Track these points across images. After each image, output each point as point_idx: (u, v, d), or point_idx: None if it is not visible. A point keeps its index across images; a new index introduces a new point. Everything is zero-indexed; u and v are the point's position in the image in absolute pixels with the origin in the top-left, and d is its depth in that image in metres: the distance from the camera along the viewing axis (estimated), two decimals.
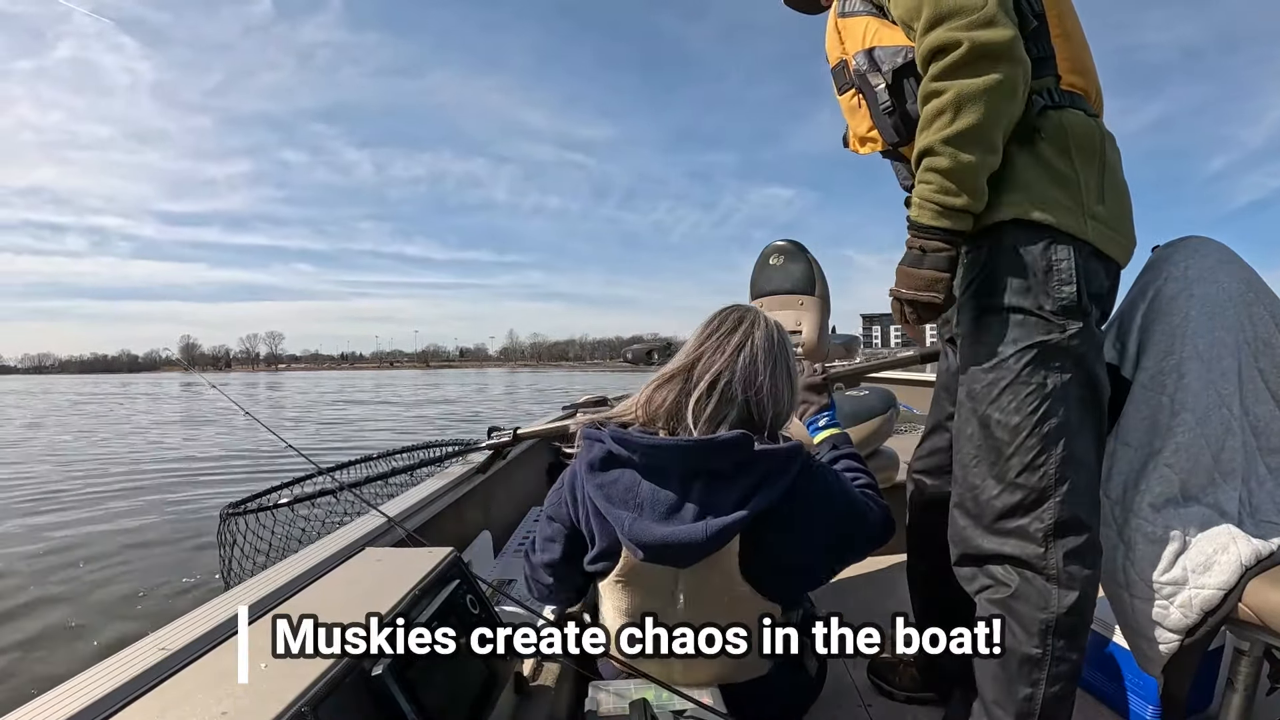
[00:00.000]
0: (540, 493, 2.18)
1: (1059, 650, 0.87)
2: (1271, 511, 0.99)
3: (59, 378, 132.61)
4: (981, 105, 0.82)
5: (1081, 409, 0.88)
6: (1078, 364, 0.87)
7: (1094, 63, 0.98)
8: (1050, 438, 0.87)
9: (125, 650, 0.64)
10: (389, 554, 0.90)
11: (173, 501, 6.66)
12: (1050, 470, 0.87)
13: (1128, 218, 0.94)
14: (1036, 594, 0.87)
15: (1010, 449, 0.88)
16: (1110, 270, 0.94)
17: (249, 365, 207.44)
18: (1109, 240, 0.89)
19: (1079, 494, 0.88)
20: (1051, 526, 0.87)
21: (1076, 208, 0.87)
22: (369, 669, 0.61)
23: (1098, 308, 0.92)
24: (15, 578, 4.51)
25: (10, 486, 7.48)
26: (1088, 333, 0.87)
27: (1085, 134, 0.89)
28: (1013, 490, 0.89)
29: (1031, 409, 0.87)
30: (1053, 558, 0.87)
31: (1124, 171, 0.97)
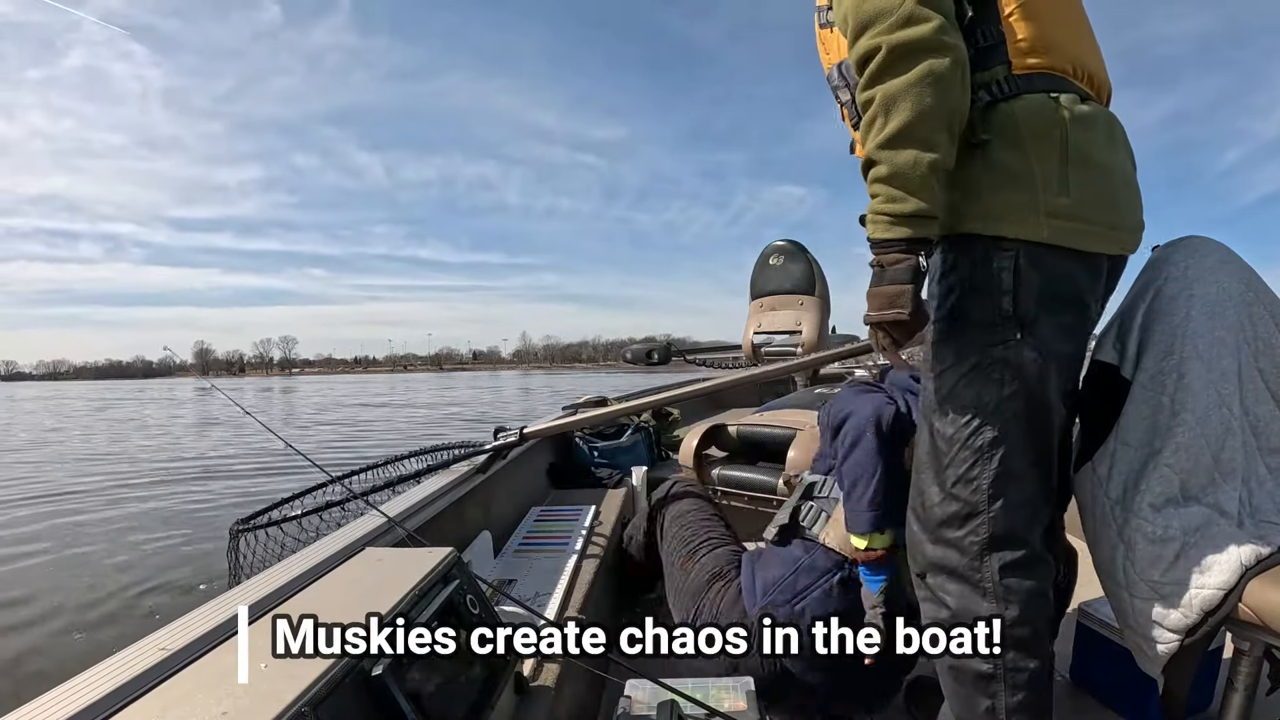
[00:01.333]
0: (541, 493, 2.18)
1: (1011, 662, 0.86)
2: (1272, 511, 0.99)
3: (73, 384, 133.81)
4: (908, 102, 0.77)
5: (1019, 424, 0.86)
6: (1016, 376, 0.84)
7: (1079, 34, 0.89)
8: (984, 451, 0.85)
9: (125, 650, 0.64)
10: (389, 554, 0.90)
11: (190, 498, 6.80)
12: (984, 484, 0.86)
13: (1107, 202, 0.85)
14: (974, 611, 0.87)
15: (947, 459, 0.88)
16: (1089, 263, 0.86)
17: (263, 370, 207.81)
18: (1077, 234, 0.83)
19: (1014, 509, 0.86)
20: (986, 540, 0.87)
21: (1029, 207, 0.81)
22: (369, 669, 0.61)
23: (1075, 311, 0.87)
24: (32, 576, 4.55)
25: (31, 486, 7.58)
26: (1028, 344, 0.84)
27: (1038, 121, 0.81)
28: (950, 501, 0.89)
29: (965, 421, 0.86)
30: (987, 571, 0.87)
31: (1124, 153, 0.89)
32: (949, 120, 0.79)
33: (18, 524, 6.01)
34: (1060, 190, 0.81)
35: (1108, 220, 0.85)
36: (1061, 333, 0.86)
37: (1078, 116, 0.83)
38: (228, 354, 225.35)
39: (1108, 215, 0.85)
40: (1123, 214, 0.88)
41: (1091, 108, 0.86)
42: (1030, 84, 0.83)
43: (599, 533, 1.67)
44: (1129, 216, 0.89)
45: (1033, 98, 0.82)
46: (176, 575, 4.41)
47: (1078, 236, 0.83)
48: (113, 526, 5.79)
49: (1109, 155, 0.86)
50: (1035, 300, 0.83)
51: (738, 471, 1.78)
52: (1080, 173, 0.82)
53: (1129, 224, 0.90)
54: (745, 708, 0.99)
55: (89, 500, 6.96)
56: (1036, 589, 0.88)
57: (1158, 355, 1.00)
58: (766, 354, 2.51)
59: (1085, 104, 0.85)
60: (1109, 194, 0.85)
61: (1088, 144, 0.83)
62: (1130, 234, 0.91)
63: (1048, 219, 0.81)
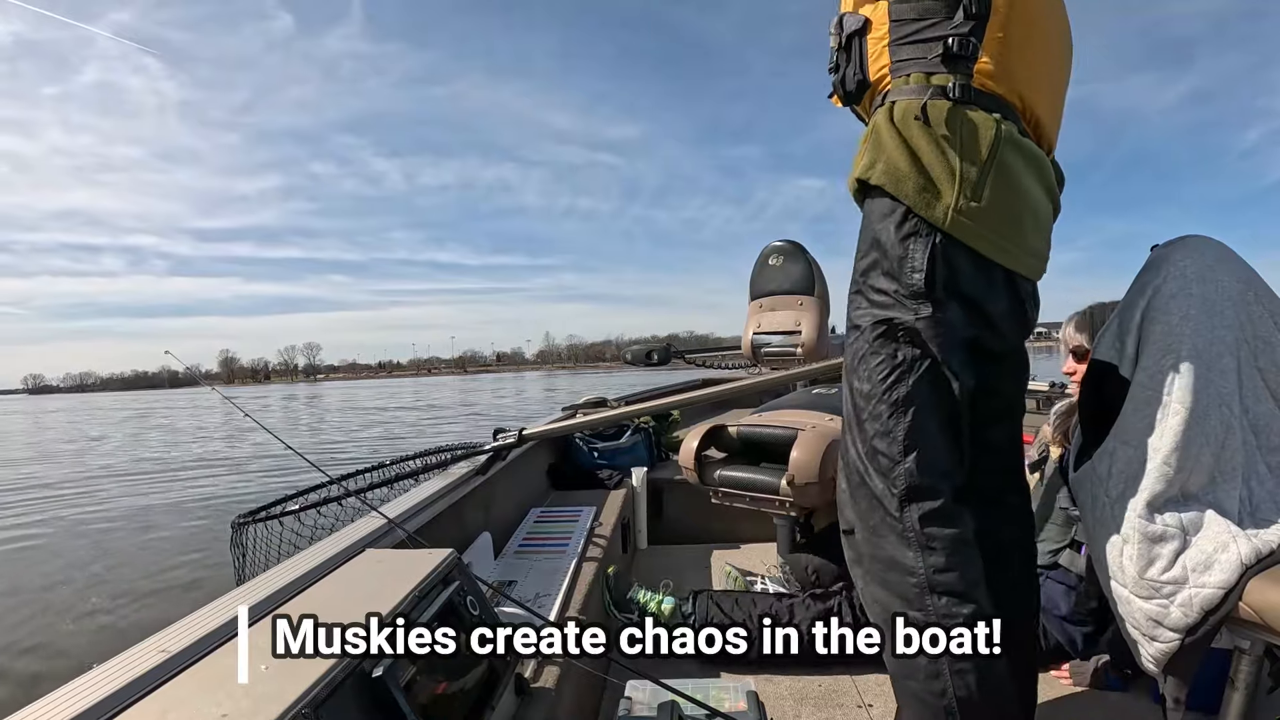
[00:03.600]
0: (541, 494, 2.18)
1: (943, 608, 0.88)
2: (1272, 510, 0.99)
3: (101, 395, 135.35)
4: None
5: (926, 385, 0.90)
6: (925, 345, 0.89)
7: (1043, 84, 0.96)
8: (899, 405, 0.90)
9: (126, 652, 0.64)
10: (389, 555, 0.90)
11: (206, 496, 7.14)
12: (899, 436, 0.90)
13: (1013, 220, 0.90)
14: (901, 559, 0.90)
15: (865, 414, 0.93)
16: (989, 270, 0.90)
17: (288, 377, 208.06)
18: (976, 236, 0.87)
19: (929, 464, 0.90)
20: (905, 490, 0.90)
21: (944, 198, 0.87)
22: (369, 670, 0.61)
23: (974, 309, 0.90)
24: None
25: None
26: (939, 321, 0.88)
27: (977, 130, 0.87)
28: (871, 454, 0.93)
29: (881, 377, 0.91)
30: (908, 520, 0.90)
31: (1045, 193, 0.94)
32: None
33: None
34: (975, 195, 0.87)
35: (1008, 235, 0.90)
36: (964, 320, 0.90)
37: (1012, 140, 0.89)
38: (252, 361, 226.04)
39: (1009, 231, 0.90)
40: (1022, 237, 0.92)
41: (1028, 141, 0.92)
42: (981, 99, 0.90)
43: (599, 534, 1.67)
44: (1028, 242, 0.94)
45: (979, 112, 0.89)
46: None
47: (976, 239, 0.88)
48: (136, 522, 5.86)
49: (1028, 184, 0.92)
50: (944, 282, 0.88)
51: (739, 472, 1.78)
52: (996, 187, 0.88)
53: (1029, 248, 0.94)
54: (745, 708, 0.99)
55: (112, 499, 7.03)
56: (959, 537, 0.90)
57: (1157, 354, 1.00)
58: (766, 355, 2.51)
59: (1023, 136, 0.92)
60: (1014, 215, 0.90)
61: (1013, 165, 0.89)
62: (1027, 257, 0.94)
63: (954, 214, 0.87)
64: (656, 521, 2.37)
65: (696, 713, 0.90)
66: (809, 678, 1.44)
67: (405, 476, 1.54)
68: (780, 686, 1.41)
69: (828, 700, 1.35)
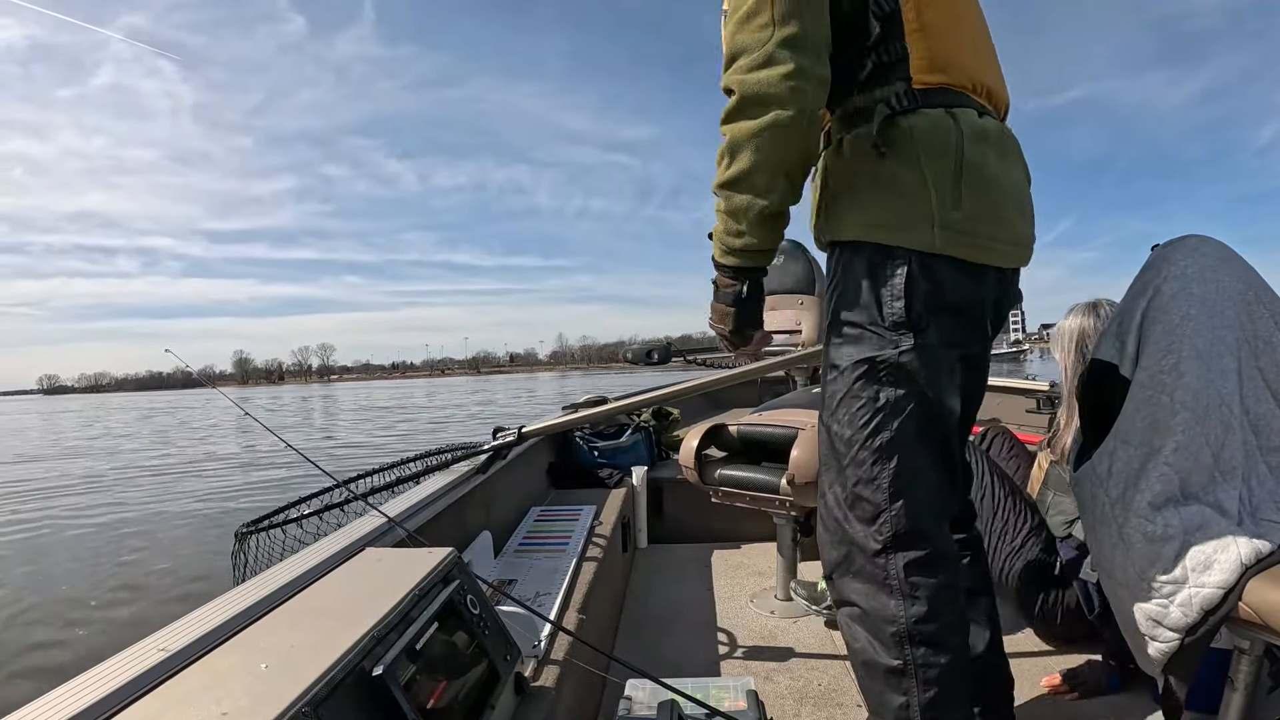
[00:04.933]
0: (541, 493, 2.18)
1: (920, 658, 0.87)
2: (1272, 510, 0.99)
3: (115, 395, 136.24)
4: (749, 150, 0.82)
5: (914, 423, 0.87)
6: (910, 379, 0.86)
7: (979, 52, 0.92)
8: (883, 451, 0.87)
9: (125, 651, 0.64)
10: (389, 554, 0.90)
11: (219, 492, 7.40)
12: (884, 483, 0.87)
13: (994, 217, 0.87)
14: (882, 609, 0.88)
15: (846, 460, 0.90)
16: (975, 274, 0.87)
17: (302, 378, 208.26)
18: (968, 245, 0.85)
19: (916, 508, 0.87)
20: (890, 539, 0.87)
21: (922, 218, 0.83)
22: (369, 669, 0.61)
23: (964, 317, 0.88)
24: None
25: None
26: (922, 349, 0.85)
27: (935, 136, 0.83)
28: (852, 501, 0.90)
29: (863, 422, 0.87)
30: (892, 569, 0.87)
31: (1017, 167, 0.92)
32: (789, 168, 0.84)
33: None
34: (953, 204, 0.83)
35: (993, 234, 0.87)
36: (951, 338, 0.87)
37: (973, 132, 0.85)
38: (267, 362, 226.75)
39: (993, 229, 0.87)
40: (1008, 229, 0.90)
41: (987, 123, 0.88)
42: (928, 99, 0.85)
43: (599, 533, 1.67)
44: (1014, 231, 0.91)
45: (930, 113, 0.84)
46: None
47: (966, 248, 0.85)
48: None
49: (1000, 170, 0.88)
50: (925, 307, 0.85)
51: (740, 471, 1.78)
52: (972, 187, 0.84)
53: (1014, 238, 0.91)
54: (745, 707, 0.99)
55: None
56: (943, 585, 0.88)
57: (1157, 354, 1.00)
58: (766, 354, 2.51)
59: (981, 119, 0.88)
60: (996, 209, 0.87)
61: (980, 159, 0.85)
62: (1015, 248, 0.92)
63: (940, 230, 0.83)
64: (656, 520, 2.37)
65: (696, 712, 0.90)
66: (809, 677, 1.44)
67: (407, 479, 1.54)
68: (780, 686, 1.41)
69: (827, 699, 1.35)
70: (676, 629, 1.71)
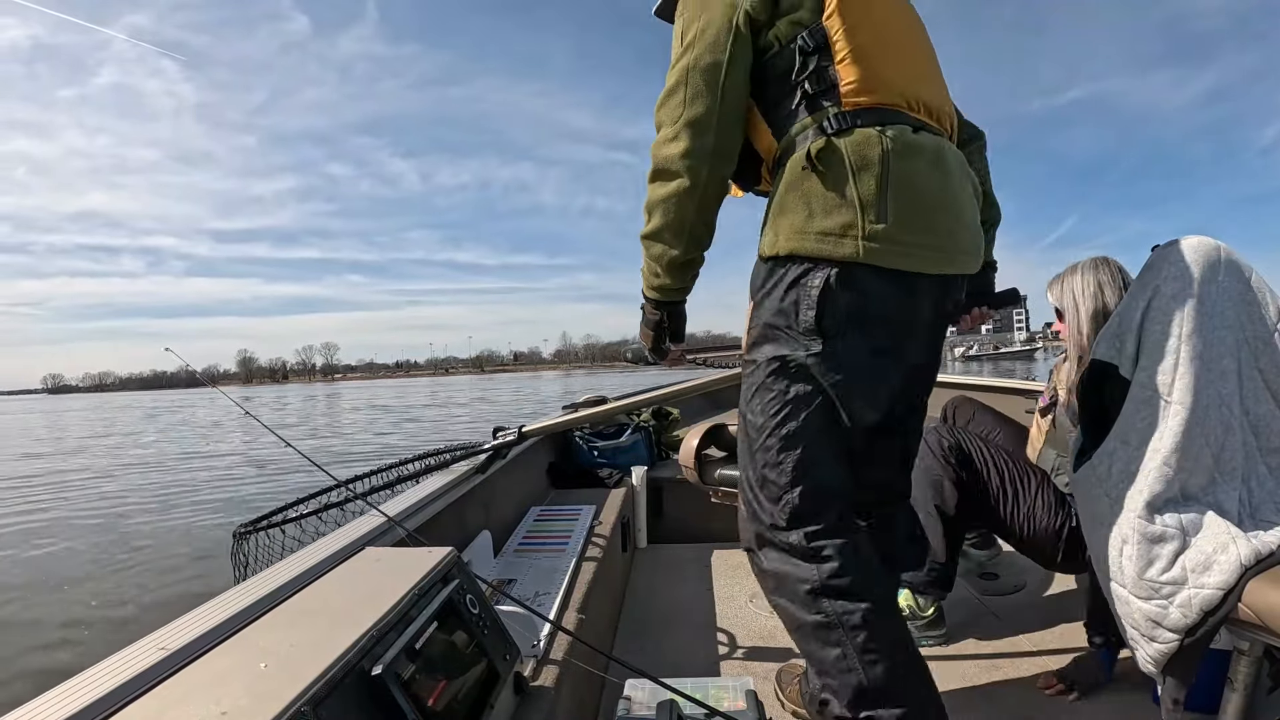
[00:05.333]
0: (541, 492, 2.18)
1: (840, 609, 0.93)
2: (1271, 511, 0.99)
3: (119, 395, 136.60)
4: (660, 212, 0.99)
5: (821, 418, 0.94)
6: (816, 379, 0.93)
7: (913, 70, 0.97)
8: (789, 439, 0.95)
9: (125, 650, 0.64)
10: (389, 554, 0.90)
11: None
12: (788, 468, 0.95)
13: (925, 226, 0.91)
14: (794, 572, 0.96)
15: (757, 445, 0.98)
16: (905, 282, 0.91)
17: (306, 377, 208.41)
18: (895, 255, 0.89)
19: (814, 491, 0.95)
20: (790, 517, 0.96)
21: (848, 231, 0.88)
22: (369, 668, 0.61)
23: (891, 323, 0.93)
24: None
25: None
26: (830, 354, 0.92)
27: (862, 151, 0.89)
28: (762, 483, 0.99)
29: (773, 413, 0.96)
30: (795, 540, 0.96)
31: (956, 179, 0.95)
32: (692, 226, 1.00)
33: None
34: (879, 216, 0.88)
35: (926, 242, 0.91)
36: (866, 345, 0.93)
37: (903, 147, 0.90)
38: (271, 362, 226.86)
39: (925, 238, 0.91)
40: (942, 238, 0.93)
41: (922, 137, 0.93)
42: (860, 118, 0.90)
43: (599, 533, 1.67)
44: (952, 240, 0.95)
45: (861, 131, 0.90)
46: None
47: (892, 257, 0.89)
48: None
49: (933, 183, 0.92)
50: (841, 316, 0.91)
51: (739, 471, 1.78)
52: (900, 198, 0.89)
53: (952, 247, 0.95)
54: (745, 707, 0.99)
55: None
56: (848, 546, 0.95)
57: (1157, 355, 1.01)
58: None
59: (917, 134, 0.92)
60: (928, 220, 0.92)
61: (910, 172, 0.90)
62: (951, 255, 0.95)
63: (864, 241, 0.88)
64: (656, 520, 2.37)
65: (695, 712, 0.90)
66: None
67: (407, 479, 1.54)
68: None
69: None
70: (676, 629, 1.71)
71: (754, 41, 0.95)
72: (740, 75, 0.95)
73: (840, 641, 0.93)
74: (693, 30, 0.96)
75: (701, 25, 0.95)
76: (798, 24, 0.93)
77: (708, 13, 0.95)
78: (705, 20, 0.95)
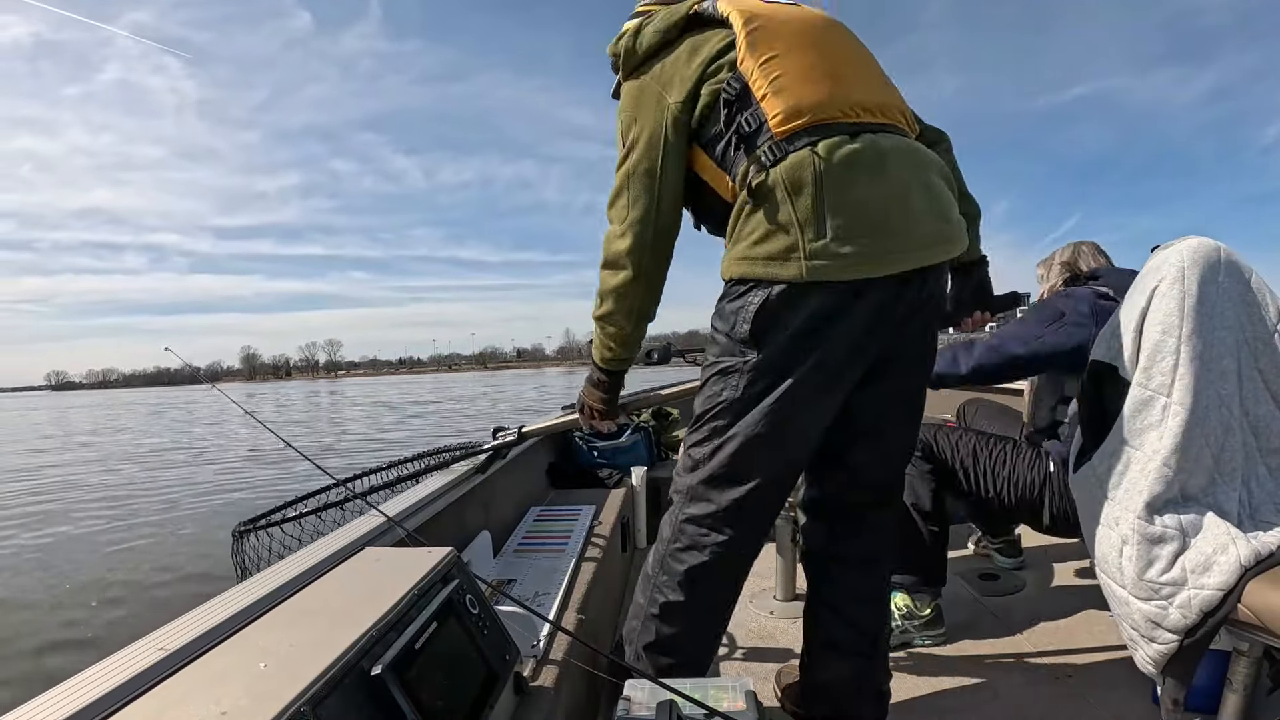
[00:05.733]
0: (541, 493, 2.18)
1: (661, 581, 1.11)
2: (1271, 512, 0.99)
3: (123, 391, 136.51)
4: (611, 299, 1.14)
5: (751, 423, 1.02)
6: (748, 386, 1.02)
7: (839, 80, 1.00)
8: (715, 431, 1.06)
9: (124, 650, 0.64)
10: (389, 554, 0.90)
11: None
12: (707, 452, 1.07)
13: (874, 229, 0.93)
14: (664, 534, 1.13)
15: (694, 428, 1.10)
16: (864, 289, 0.94)
17: (309, 373, 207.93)
18: (839, 269, 0.92)
19: (719, 480, 1.06)
20: (687, 490, 1.10)
21: (790, 252, 0.93)
22: (369, 668, 0.61)
23: (817, 337, 0.97)
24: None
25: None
26: (760, 363, 1.00)
27: (795, 175, 0.92)
28: (685, 456, 1.12)
29: (711, 407, 1.06)
30: (680, 514, 1.10)
31: (906, 172, 0.97)
32: (637, 307, 1.15)
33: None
34: (818, 234, 0.92)
35: (872, 248, 0.93)
36: (800, 357, 0.98)
37: (838, 158, 0.92)
38: (274, 358, 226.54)
39: (872, 243, 0.93)
40: (901, 236, 0.95)
41: (860, 140, 0.94)
42: (792, 144, 0.94)
43: (599, 533, 1.67)
44: (906, 236, 0.95)
45: (794, 156, 0.93)
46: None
47: (836, 271, 0.92)
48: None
49: (874, 187, 0.94)
50: (777, 330, 0.97)
51: None
52: (839, 211, 0.92)
53: (904, 244, 0.95)
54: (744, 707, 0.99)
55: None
56: (713, 544, 1.07)
57: (1157, 356, 1.01)
58: None
59: (856, 137, 0.94)
60: (879, 223, 0.93)
61: (848, 181, 0.93)
62: (907, 251, 0.96)
63: (807, 261, 0.92)
64: (656, 520, 2.37)
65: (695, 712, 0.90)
66: None
67: (407, 478, 1.54)
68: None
69: None
70: None
71: (691, 117, 1.04)
72: (675, 170, 1.07)
73: (652, 599, 1.10)
74: (631, 135, 1.08)
75: (638, 131, 1.07)
76: (721, 83, 1.01)
77: (642, 119, 1.07)
78: (640, 127, 1.07)
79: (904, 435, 1.18)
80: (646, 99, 1.07)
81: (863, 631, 1.15)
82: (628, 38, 1.11)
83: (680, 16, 1.08)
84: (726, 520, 1.07)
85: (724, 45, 1.03)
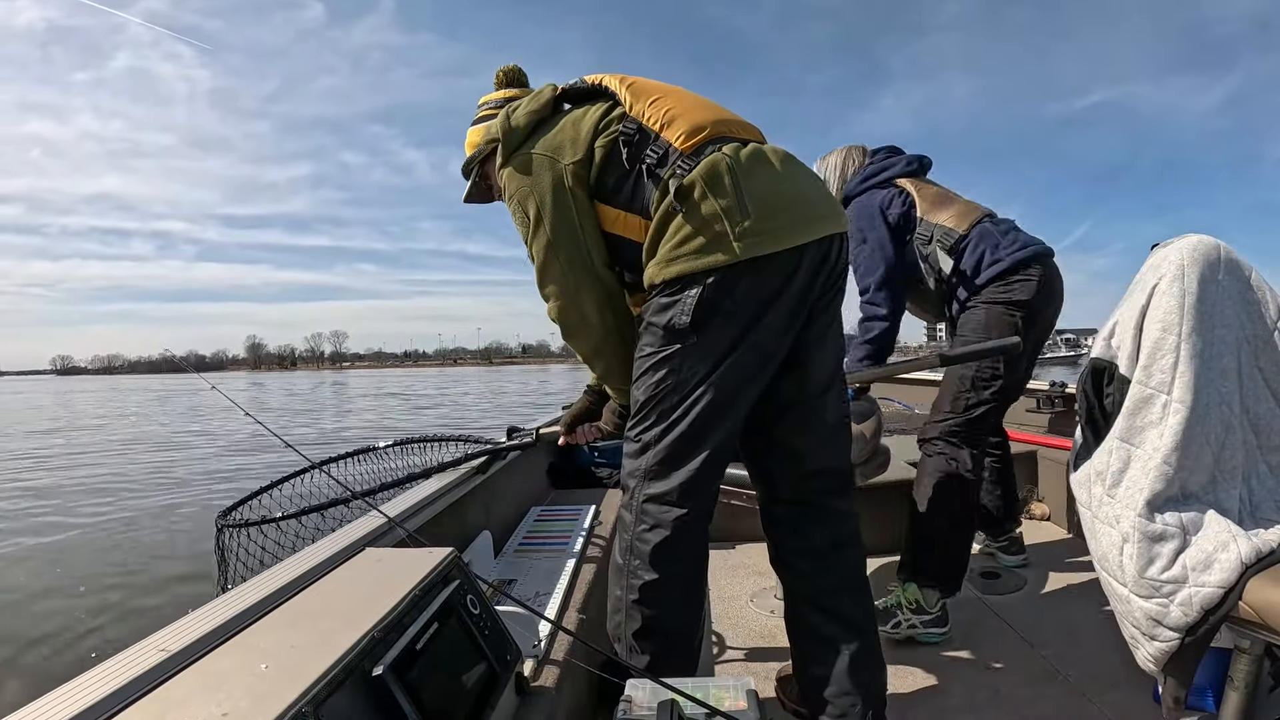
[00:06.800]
0: (541, 493, 2.17)
1: (634, 566, 1.12)
2: (1272, 509, 1.00)
3: (127, 377, 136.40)
4: (596, 364, 1.27)
5: (699, 400, 1.08)
6: (692, 368, 1.08)
7: (712, 110, 1.15)
8: (663, 414, 1.11)
9: (125, 652, 0.64)
10: (389, 554, 0.90)
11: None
12: (654, 434, 1.11)
13: (781, 208, 1.06)
14: (625, 519, 1.15)
15: (639, 414, 1.15)
16: (790, 258, 1.05)
17: (314, 364, 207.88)
18: (766, 243, 1.03)
19: (669, 460, 1.10)
20: (642, 472, 1.13)
21: (722, 239, 1.02)
22: (370, 669, 0.61)
23: (749, 318, 1.05)
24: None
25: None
26: (698, 348, 1.07)
27: (711, 171, 1.04)
28: (631, 442, 1.16)
29: (653, 393, 1.11)
30: (639, 496, 1.13)
31: (790, 170, 1.11)
32: (621, 354, 1.21)
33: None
34: (743, 215, 1.03)
35: (791, 221, 1.06)
36: (739, 334, 1.06)
37: (740, 156, 1.07)
38: (280, 348, 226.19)
39: (789, 218, 1.06)
40: (799, 212, 1.08)
41: (749, 148, 1.09)
42: (698, 154, 1.07)
43: (599, 533, 1.67)
44: (808, 210, 1.09)
45: (706, 160, 1.06)
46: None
47: (767, 243, 1.03)
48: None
49: (771, 176, 1.09)
50: (715, 315, 1.04)
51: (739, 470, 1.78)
52: (755, 194, 1.04)
53: (812, 216, 1.09)
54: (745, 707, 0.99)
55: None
56: (675, 519, 1.10)
57: (1157, 354, 1.01)
58: None
59: (745, 147, 1.09)
60: (783, 203, 1.07)
61: (756, 173, 1.07)
62: (813, 221, 1.09)
63: (738, 241, 1.02)
64: None
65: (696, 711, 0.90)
66: None
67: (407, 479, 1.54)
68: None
69: None
70: None
71: (589, 172, 1.13)
72: (590, 221, 1.15)
73: (624, 587, 1.12)
74: (532, 208, 1.14)
75: (539, 197, 1.13)
76: (615, 133, 1.13)
77: (540, 186, 1.14)
78: (539, 196, 1.14)
79: (834, 408, 1.22)
80: (538, 167, 1.15)
81: (845, 623, 1.15)
82: (500, 123, 1.20)
83: (548, 97, 1.20)
84: (684, 493, 1.11)
85: (607, 108, 1.16)
